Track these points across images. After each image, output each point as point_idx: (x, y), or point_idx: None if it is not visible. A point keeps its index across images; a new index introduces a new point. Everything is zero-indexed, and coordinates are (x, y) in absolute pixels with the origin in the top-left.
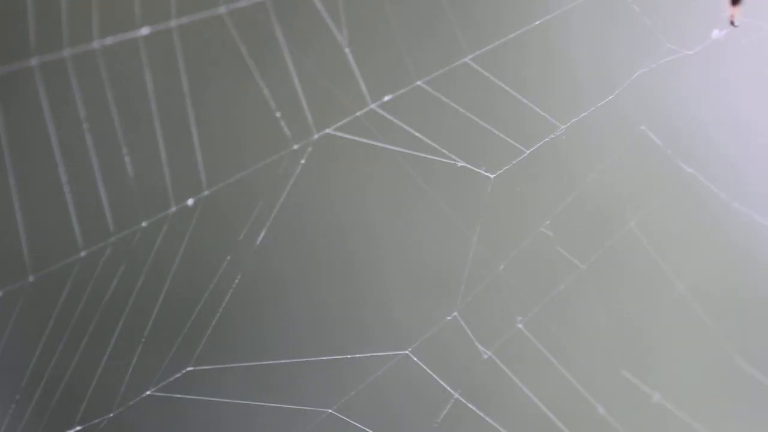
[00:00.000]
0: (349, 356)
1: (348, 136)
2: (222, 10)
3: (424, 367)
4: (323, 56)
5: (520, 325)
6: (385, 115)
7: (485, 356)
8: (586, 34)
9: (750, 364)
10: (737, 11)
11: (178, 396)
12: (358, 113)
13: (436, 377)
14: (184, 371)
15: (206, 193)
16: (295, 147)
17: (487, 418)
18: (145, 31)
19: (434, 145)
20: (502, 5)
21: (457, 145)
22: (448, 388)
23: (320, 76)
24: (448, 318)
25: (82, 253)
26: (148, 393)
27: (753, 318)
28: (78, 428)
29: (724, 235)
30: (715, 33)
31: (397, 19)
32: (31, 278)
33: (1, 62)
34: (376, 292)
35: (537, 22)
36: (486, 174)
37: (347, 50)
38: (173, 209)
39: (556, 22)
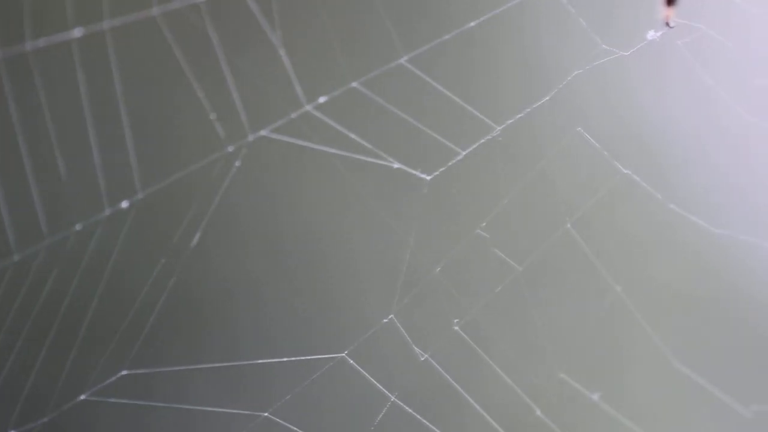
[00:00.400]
0: (285, 359)
1: (283, 138)
2: (155, 11)
3: (361, 369)
4: (258, 57)
5: (456, 327)
6: (321, 116)
7: (422, 358)
8: (522, 35)
9: (686, 365)
10: (672, 12)
11: (113, 400)
12: (293, 115)
13: (372, 380)
14: (118, 375)
15: (141, 195)
16: (230, 149)
17: (424, 421)
18: (77, 32)
19: (370, 146)
20: (438, 6)
21: (393, 146)
22: (385, 391)
23: (255, 78)
24: (385, 320)
25: (15, 257)
26: (82, 397)
27: (689, 319)
28: None
29: (661, 236)
30: (651, 34)
31: (331, 19)
32: None
33: None
34: (312, 294)
35: (472, 24)
36: (422, 176)
37: (281, 51)
38: (107, 212)
39: (491, 23)
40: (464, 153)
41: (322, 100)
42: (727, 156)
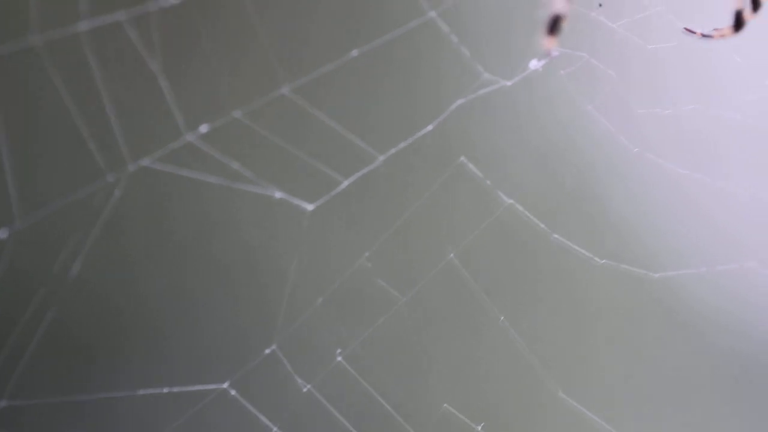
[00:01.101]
0: (165, 390)
1: (164, 168)
2: (35, 41)
3: (242, 401)
4: (138, 86)
5: (339, 358)
6: (202, 146)
7: (304, 389)
8: (405, 64)
9: (571, 396)
10: (553, 42)
11: None
12: (173, 144)
13: (254, 411)
14: None
15: (20, 225)
16: (110, 179)
17: None
18: None
19: (252, 176)
20: (320, 35)
21: (276, 176)
22: (268, 422)
23: (135, 107)
24: (267, 351)
25: None
26: None
27: (575, 348)
28: None
29: (545, 265)
30: (533, 63)
31: (213, 49)
32: None
33: None
34: (194, 324)
35: (355, 53)
36: (304, 206)
37: (162, 80)
38: None
39: (374, 53)
40: (346, 183)
41: (203, 129)
42: (611, 185)
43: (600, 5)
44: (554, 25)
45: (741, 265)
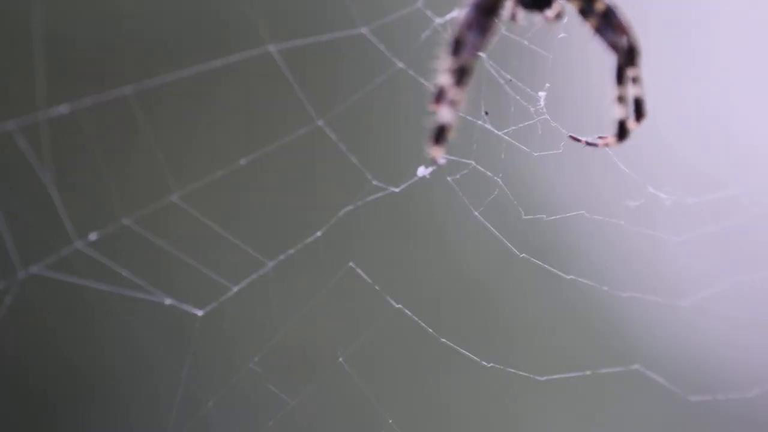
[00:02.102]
0: None
1: (54, 275)
2: None
3: None
4: (28, 194)
5: None
6: (91, 253)
7: None
8: (295, 171)
9: None
10: (440, 150)
11: None
12: (63, 252)
13: None
14: None
15: None
16: None
17: None
18: None
19: (142, 283)
20: (211, 144)
21: (166, 282)
22: None
23: (26, 215)
24: None
25: None
26: None
27: None
28: None
29: (432, 367)
30: (421, 170)
31: (103, 156)
32: None
33: None
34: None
35: (242, 161)
36: (194, 311)
37: (52, 189)
38: None
39: (262, 160)
40: (236, 288)
41: (92, 237)
42: (499, 289)
43: (486, 113)
44: (440, 134)
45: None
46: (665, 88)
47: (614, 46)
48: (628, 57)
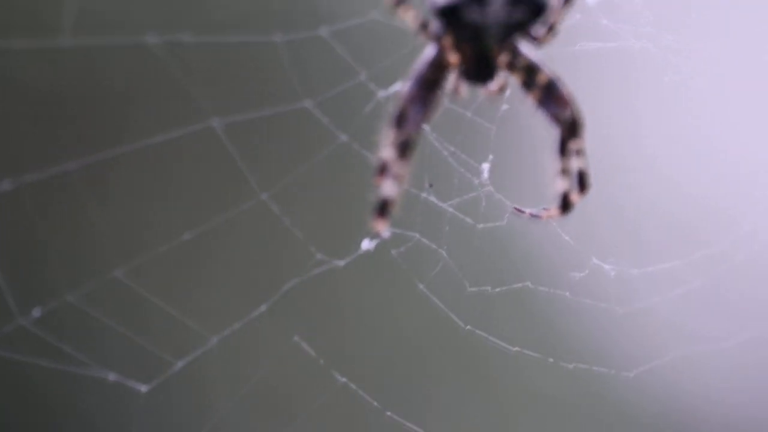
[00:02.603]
0: None
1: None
2: None
3: None
4: None
5: None
6: (34, 330)
7: None
8: (237, 245)
9: None
10: (384, 223)
11: None
12: (5, 329)
13: None
14: None
15: None
16: None
17: None
18: None
19: (85, 359)
20: (153, 219)
21: (109, 359)
22: None
23: None
24: None
25: None
26: None
27: None
28: None
29: None
30: (365, 243)
31: (48, 233)
32: None
33: None
34: None
35: (187, 236)
36: (138, 387)
37: None
38: None
39: (208, 234)
40: (181, 364)
41: (36, 313)
42: (443, 363)
43: (430, 186)
44: (384, 208)
45: None
46: (608, 157)
47: (557, 119)
48: (570, 129)
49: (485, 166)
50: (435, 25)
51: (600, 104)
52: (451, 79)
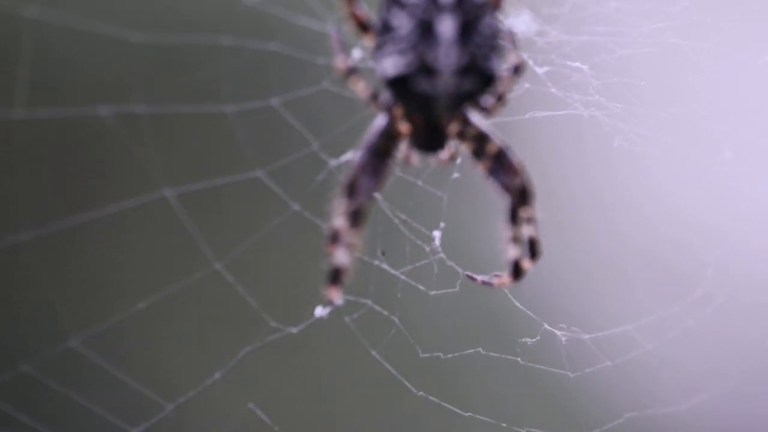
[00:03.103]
0: None
1: None
2: None
3: None
4: None
5: None
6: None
7: None
8: (192, 313)
9: None
10: (337, 291)
11: None
12: None
13: None
14: None
15: None
16: None
17: None
18: None
19: (40, 429)
20: (106, 286)
21: (65, 427)
22: None
23: None
24: None
25: None
26: None
27: None
28: None
29: None
30: (318, 311)
31: None
32: None
33: None
34: None
35: (141, 305)
36: None
37: None
38: None
39: (163, 303)
40: (136, 431)
41: None
42: (396, 428)
43: (383, 253)
44: (336, 276)
45: None
46: (558, 223)
47: (507, 188)
48: (521, 198)
49: (437, 234)
50: (385, 95)
51: (551, 171)
52: (402, 148)
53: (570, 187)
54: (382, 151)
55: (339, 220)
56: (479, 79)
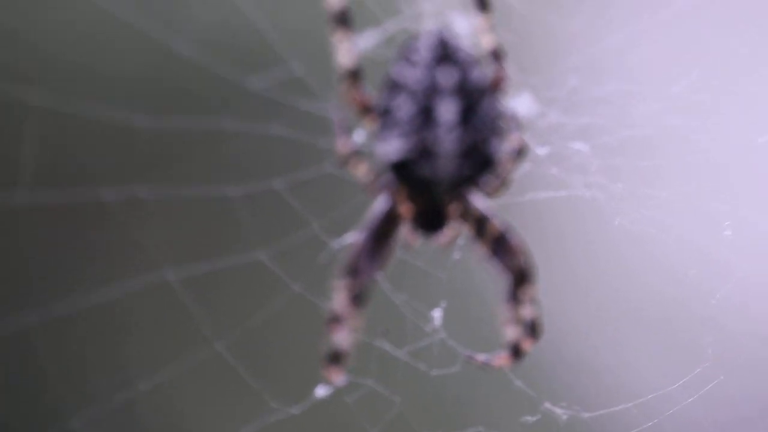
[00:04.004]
0: None
1: None
2: None
3: None
4: None
5: None
6: None
7: None
8: (193, 395)
9: None
10: (338, 371)
11: None
12: None
13: None
14: None
15: None
16: None
17: None
18: None
19: None
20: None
21: None
22: None
23: None
24: None
25: None
26: None
27: None
28: None
29: None
30: (320, 391)
31: None
32: None
33: None
34: None
35: (143, 388)
36: None
37: None
38: None
39: (164, 383)
40: None
41: None
42: None
43: (383, 333)
44: (337, 357)
45: None
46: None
47: (508, 269)
48: (522, 278)
49: (437, 314)
50: (386, 177)
51: (552, 252)
52: (403, 230)
53: (571, 267)
54: (382, 233)
55: (339, 302)
56: (481, 162)
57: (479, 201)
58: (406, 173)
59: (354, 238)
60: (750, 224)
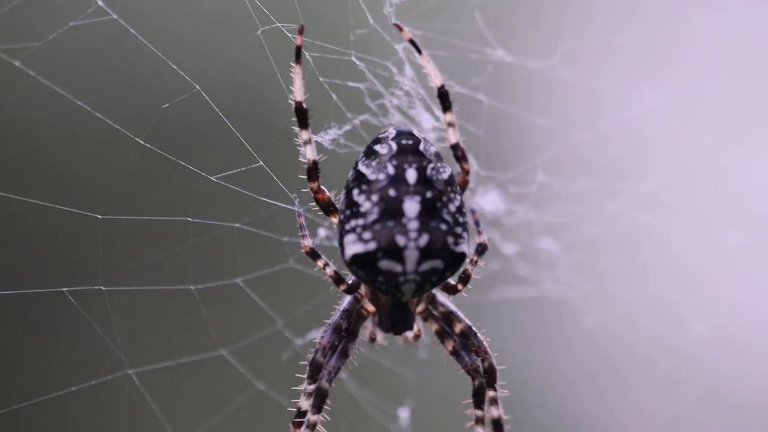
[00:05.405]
0: None
1: None
2: None
3: None
4: None
5: None
6: None
7: None
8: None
9: None
10: None
11: None
12: None
13: None
14: None
15: None
16: None
17: None
18: None
19: None
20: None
21: None
22: None
23: None
24: None
25: None
26: None
27: None
28: None
29: None
30: None
31: None
32: None
33: None
34: None
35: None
36: None
37: None
38: None
39: None
40: None
41: None
42: None
43: None
44: None
45: None
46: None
47: (473, 368)
48: (486, 379)
49: (405, 414)
50: (351, 274)
51: (518, 352)
52: (368, 327)
53: (536, 369)
54: (347, 331)
55: (303, 401)
56: (445, 259)
57: (444, 299)
58: (370, 270)
59: (317, 335)
60: (723, 322)
